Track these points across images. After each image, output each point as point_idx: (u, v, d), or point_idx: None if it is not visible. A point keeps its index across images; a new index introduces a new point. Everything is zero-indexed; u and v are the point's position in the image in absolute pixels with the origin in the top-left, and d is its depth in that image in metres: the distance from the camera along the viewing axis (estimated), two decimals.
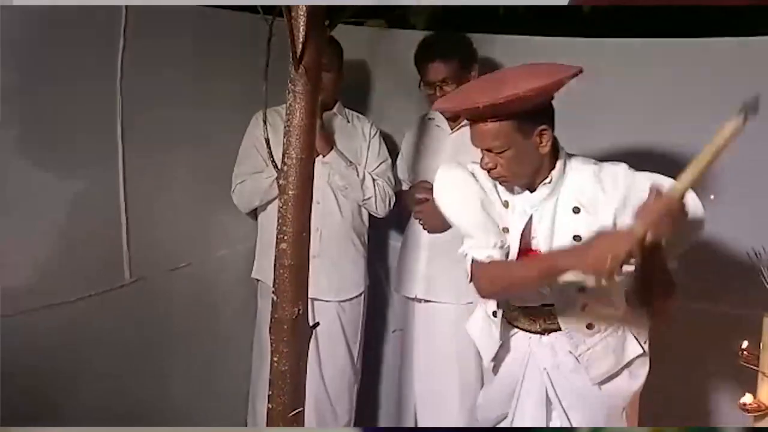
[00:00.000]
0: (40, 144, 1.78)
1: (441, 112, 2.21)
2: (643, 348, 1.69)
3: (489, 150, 1.52)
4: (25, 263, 1.78)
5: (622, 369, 1.68)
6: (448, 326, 2.27)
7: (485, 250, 1.60)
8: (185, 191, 2.24)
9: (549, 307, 1.66)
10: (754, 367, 1.40)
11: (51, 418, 1.86)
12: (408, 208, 2.40)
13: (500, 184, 1.62)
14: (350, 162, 2.32)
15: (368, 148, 2.42)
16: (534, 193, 1.61)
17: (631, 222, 1.37)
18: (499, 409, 1.80)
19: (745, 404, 1.36)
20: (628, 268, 1.39)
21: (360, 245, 2.45)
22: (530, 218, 1.61)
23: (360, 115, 2.48)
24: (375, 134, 2.45)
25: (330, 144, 2.29)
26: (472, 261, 1.62)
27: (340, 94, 2.39)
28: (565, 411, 1.71)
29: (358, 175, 2.33)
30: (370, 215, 2.46)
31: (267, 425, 1.50)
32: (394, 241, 2.67)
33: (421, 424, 2.39)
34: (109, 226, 1.98)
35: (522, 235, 1.61)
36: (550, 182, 1.58)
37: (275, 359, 1.49)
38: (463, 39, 2.26)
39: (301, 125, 1.41)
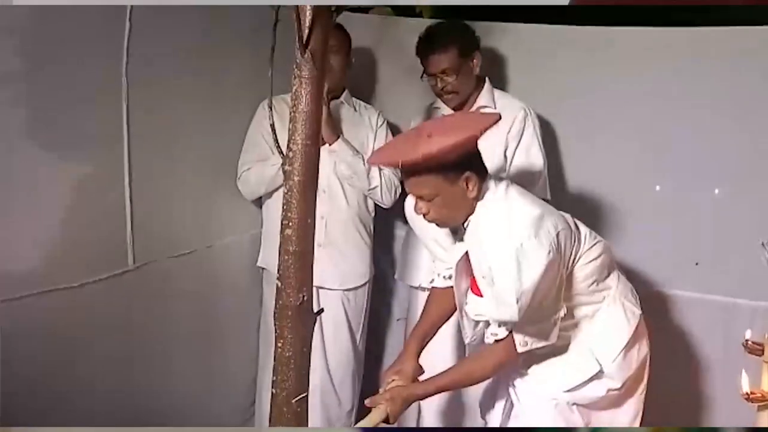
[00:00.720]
0: (46, 127, 1.77)
1: (438, 93, 2.26)
2: (601, 366, 1.72)
3: (420, 197, 1.62)
4: (29, 247, 1.77)
5: (578, 386, 1.73)
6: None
7: (436, 279, 1.88)
8: (190, 177, 2.23)
9: None
10: (759, 356, 1.39)
11: (53, 404, 1.86)
12: None
13: (437, 226, 1.71)
14: (356, 151, 2.31)
15: (375, 138, 2.41)
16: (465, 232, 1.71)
17: None
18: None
19: (749, 394, 1.35)
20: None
21: (365, 234, 2.45)
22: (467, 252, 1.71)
23: (367, 105, 2.48)
24: (382, 124, 2.44)
25: (336, 132, 2.28)
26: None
27: (348, 82, 2.38)
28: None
29: (364, 164, 2.31)
30: (375, 204, 2.45)
31: (271, 410, 1.50)
32: (400, 230, 2.67)
33: (424, 413, 2.39)
34: (114, 211, 1.97)
35: (465, 263, 1.72)
36: (467, 227, 1.67)
37: (280, 345, 1.49)
38: (462, 27, 2.25)
39: (307, 111, 1.40)
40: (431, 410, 2.35)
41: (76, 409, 1.92)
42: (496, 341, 1.66)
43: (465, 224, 1.67)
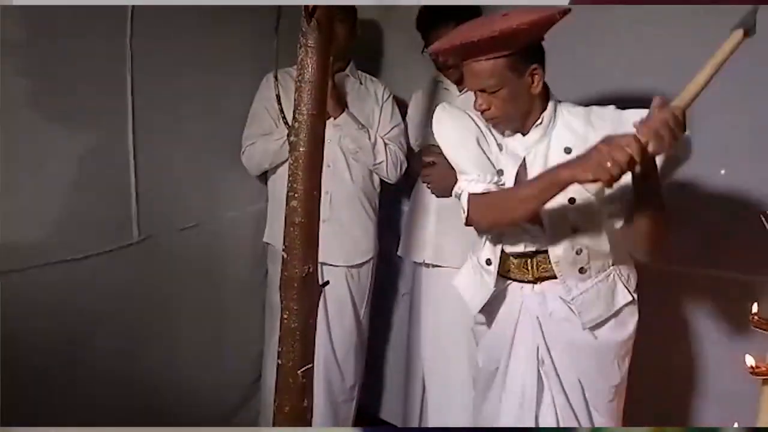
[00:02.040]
0: (50, 98, 1.77)
1: (440, 66, 2.23)
2: (632, 295, 1.72)
3: (482, 90, 1.55)
4: (33, 219, 1.78)
5: (611, 317, 1.71)
6: (455, 291, 2.27)
7: (482, 185, 1.62)
8: (195, 151, 2.23)
9: (542, 253, 1.69)
10: (765, 331, 1.39)
11: (56, 377, 1.88)
12: (416, 172, 2.39)
13: (493, 126, 1.64)
14: (362, 125, 2.30)
15: (381, 112, 2.40)
16: (526, 136, 1.64)
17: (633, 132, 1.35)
18: (495, 363, 1.82)
19: (753, 368, 1.35)
20: (627, 178, 1.39)
21: (370, 210, 2.44)
22: (524, 160, 1.64)
23: (373, 78, 2.45)
24: (388, 98, 2.42)
25: (341, 106, 2.26)
26: (468, 196, 1.63)
27: (353, 53, 2.36)
28: (554, 364, 1.74)
29: (369, 138, 2.30)
30: (381, 180, 2.44)
31: (277, 381, 1.51)
32: (406, 207, 2.66)
33: (429, 388, 2.41)
34: (118, 183, 1.97)
35: (516, 177, 1.63)
36: (541, 123, 1.62)
37: (285, 316, 1.49)
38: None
39: (312, 81, 1.39)
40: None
41: (79, 382, 1.94)
42: None
43: (538, 121, 1.61)
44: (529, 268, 1.71)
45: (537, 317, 1.73)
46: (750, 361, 1.35)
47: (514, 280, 1.75)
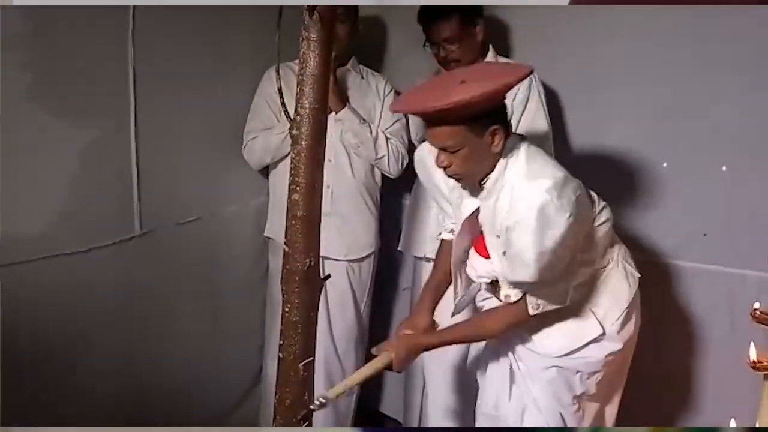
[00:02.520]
0: (52, 92, 1.76)
1: (442, 61, 2.22)
2: (603, 329, 1.72)
3: (444, 149, 1.56)
4: (35, 211, 1.78)
5: (580, 348, 1.74)
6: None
7: (444, 233, 1.87)
8: (197, 145, 2.23)
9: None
10: (766, 326, 1.39)
11: (56, 369, 1.89)
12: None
13: (456, 181, 1.67)
14: (363, 120, 2.29)
15: (382, 106, 2.39)
16: (479, 194, 1.67)
17: None
18: None
19: (755, 363, 1.35)
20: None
21: (372, 204, 2.44)
22: (477, 209, 1.68)
23: (374, 72, 2.45)
24: (389, 92, 2.41)
25: (343, 101, 2.26)
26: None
27: (354, 48, 2.35)
28: (519, 366, 1.82)
29: (371, 133, 2.30)
30: (382, 174, 2.44)
31: (278, 374, 1.51)
32: (407, 201, 2.66)
33: (429, 382, 2.41)
34: (120, 177, 1.98)
35: (474, 221, 1.70)
36: (485, 184, 1.63)
37: (287, 309, 1.49)
38: None
39: (314, 74, 1.38)
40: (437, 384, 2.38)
41: (79, 375, 1.95)
42: (509, 304, 1.66)
43: (483, 181, 1.63)
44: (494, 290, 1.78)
45: (509, 335, 1.81)
46: (753, 354, 1.34)
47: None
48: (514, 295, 1.64)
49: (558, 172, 1.57)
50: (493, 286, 1.76)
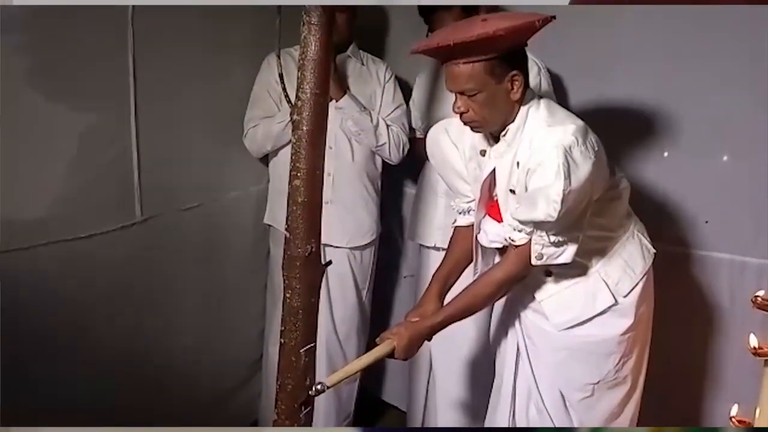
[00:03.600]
0: (52, 77, 1.76)
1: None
2: (615, 299, 1.70)
3: (461, 93, 1.54)
4: (36, 197, 1.78)
5: (592, 318, 1.71)
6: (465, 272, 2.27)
7: (458, 218, 1.84)
8: (197, 131, 2.22)
9: None
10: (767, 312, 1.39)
11: (57, 356, 1.89)
12: (421, 156, 2.38)
13: (472, 130, 1.64)
14: (364, 107, 2.28)
15: (383, 93, 2.38)
16: (496, 145, 1.64)
17: None
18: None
19: (756, 348, 1.35)
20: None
21: (373, 192, 2.43)
22: (493, 171, 1.65)
23: (375, 58, 2.43)
24: (390, 78, 2.40)
25: (343, 88, 2.25)
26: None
27: (354, 35, 2.34)
28: (528, 352, 1.80)
29: (371, 120, 2.29)
30: (383, 161, 2.43)
31: (280, 360, 1.51)
32: (409, 189, 2.65)
33: (436, 370, 2.41)
34: (121, 162, 1.97)
35: (489, 185, 1.68)
36: (505, 135, 1.61)
37: (288, 295, 1.49)
38: None
39: (315, 58, 1.38)
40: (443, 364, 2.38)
41: (79, 361, 1.95)
42: (514, 246, 1.62)
43: (503, 133, 1.61)
44: None
45: (518, 304, 1.80)
46: (753, 341, 1.35)
47: None
48: (519, 239, 1.61)
49: (579, 121, 1.56)
50: (503, 252, 1.73)
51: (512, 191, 1.59)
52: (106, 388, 2.03)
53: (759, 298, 1.46)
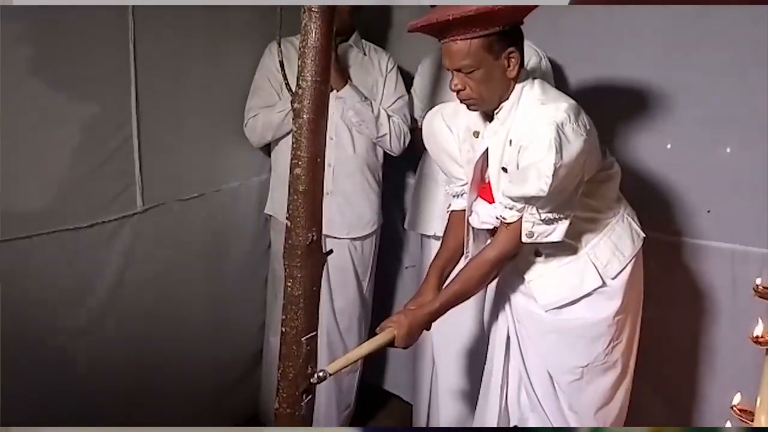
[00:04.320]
0: (53, 65, 1.75)
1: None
2: (603, 281, 1.71)
3: (458, 70, 1.55)
4: (37, 186, 1.78)
5: (578, 300, 1.72)
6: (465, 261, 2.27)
7: (455, 201, 1.84)
8: (199, 121, 2.22)
9: None
10: None
11: (58, 345, 1.90)
12: (420, 144, 2.37)
13: (468, 108, 1.64)
14: (365, 97, 2.27)
15: (385, 83, 2.37)
16: (491, 124, 1.65)
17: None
18: None
19: (757, 338, 1.35)
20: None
21: (374, 182, 2.43)
22: (486, 150, 1.66)
23: (377, 48, 2.42)
24: (392, 68, 2.39)
25: (344, 78, 2.24)
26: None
27: (356, 23, 2.33)
28: (517, 334, 1.82)
29: (373, 111, 2.28)
30: (384, 152, 2.43)
31: (281, 349, 1.51)
32: (410, 179, 2.65)
33: (438, 365, 2.41)
34: (122, 152, 1.97)
35: (481, 166, 1.69)
36: (499, 113, 1.62)
37: (289, 284, 1.49)
38: None
39: (316, 46, 1.37)
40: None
41: (79, 352, 1.96)
42: (505, 225, 1.63)
43: (497, 111, 1.62)
44: None
45: (508, 288, 1.81)
46: (758, 330, 1.34)
47: None
48: (510, 217, 1.61)
49: (572, 100, 1.57)
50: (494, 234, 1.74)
51: (504, 169, 1.60)
52: (105, 376, 2.03)
53: (760, 287, 1.46)
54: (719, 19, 1.99)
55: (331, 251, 1.59)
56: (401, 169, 2.67)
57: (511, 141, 1.57)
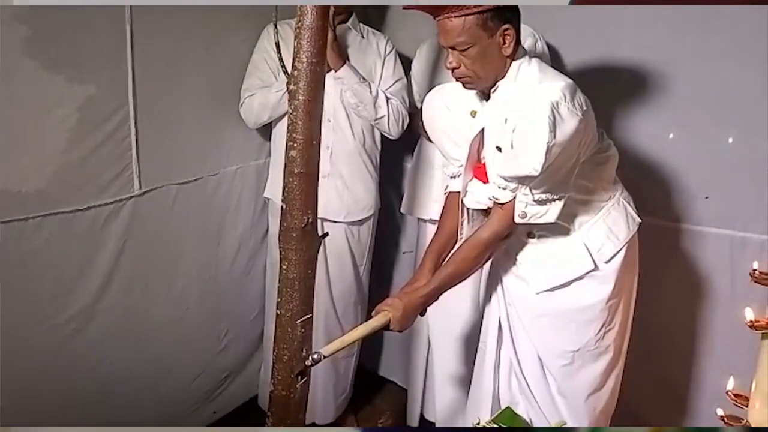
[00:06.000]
0: (50, 48, 1.74)
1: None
2: (595, 264, 1.70)
3: (453, 48, 1.55)
4: (33, 168, 1.77)
5: (569, 283, 1.72)
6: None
7: (452, 183, 1.82)
8: (197, 103, 2.20)
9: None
10: (765, 286, 1.38)
11: (52, 329, 1.90)
12: (418, 128, 2.36)
13: (464, 86, 1.64)
14: (363, 78, 2.24)
15: (383, 66, 2.35)
16: (487, 103, 1.65)
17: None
18: None
19: (753, 322, 1.34)
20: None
21: (371, 166, 2.41)
22: (483, 129, 1.65)
23: (375, 31, 2.40)
24: (390, 51, 2.37)
25: (342, 58, 2.21)
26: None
27: (354, 6, 2.31)
28: (509, 318, 1.82)
29: (371, 92, 2.25)
30: (383, 136, 2.41)
31: (276, 331, 1.51)
32: (409, 164, 2.64)
33: (434, 350, 2.42)
34: (119, 134, 1.96)
35: (477, 146, 1.68)
36: (496, 91, 1.61)
37: (284, 267, 1.49)
38: None
39: (312, 27, 1.36)
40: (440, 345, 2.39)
41: (76, 334, 1.96)
42: (499, 205, 1.63)
43: (493, 89, 1.62)
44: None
45: (501, 270, 1.81)
46: (749, 315, 1.34)
47: None
48: (504, 197, 1.61)
49: (569, 79, 1.56)
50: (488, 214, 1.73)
51: (499, 149, 1.58)
52: (101, 358, 2.04)
53: (756, 272, 1.46)
54: (722, 8, 1.97)
55: (326, 234, 1.59)
56: (398, 153, 2.66)
57: (506, 119, 1.55)
